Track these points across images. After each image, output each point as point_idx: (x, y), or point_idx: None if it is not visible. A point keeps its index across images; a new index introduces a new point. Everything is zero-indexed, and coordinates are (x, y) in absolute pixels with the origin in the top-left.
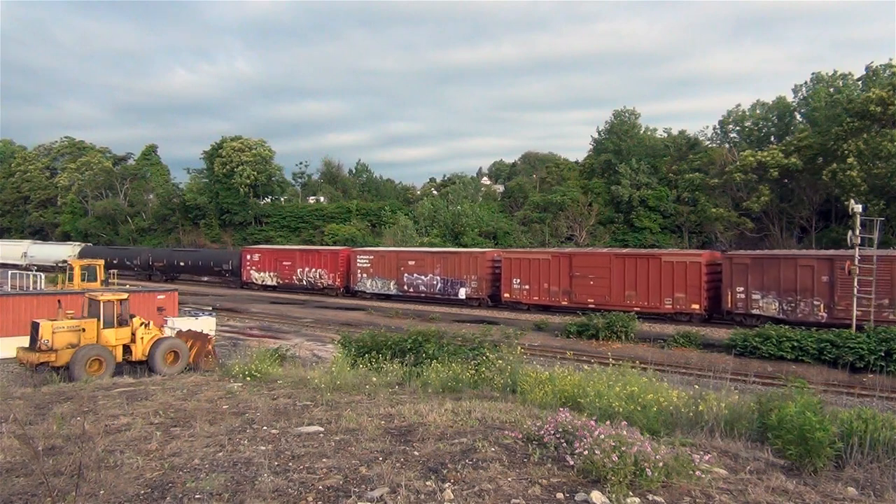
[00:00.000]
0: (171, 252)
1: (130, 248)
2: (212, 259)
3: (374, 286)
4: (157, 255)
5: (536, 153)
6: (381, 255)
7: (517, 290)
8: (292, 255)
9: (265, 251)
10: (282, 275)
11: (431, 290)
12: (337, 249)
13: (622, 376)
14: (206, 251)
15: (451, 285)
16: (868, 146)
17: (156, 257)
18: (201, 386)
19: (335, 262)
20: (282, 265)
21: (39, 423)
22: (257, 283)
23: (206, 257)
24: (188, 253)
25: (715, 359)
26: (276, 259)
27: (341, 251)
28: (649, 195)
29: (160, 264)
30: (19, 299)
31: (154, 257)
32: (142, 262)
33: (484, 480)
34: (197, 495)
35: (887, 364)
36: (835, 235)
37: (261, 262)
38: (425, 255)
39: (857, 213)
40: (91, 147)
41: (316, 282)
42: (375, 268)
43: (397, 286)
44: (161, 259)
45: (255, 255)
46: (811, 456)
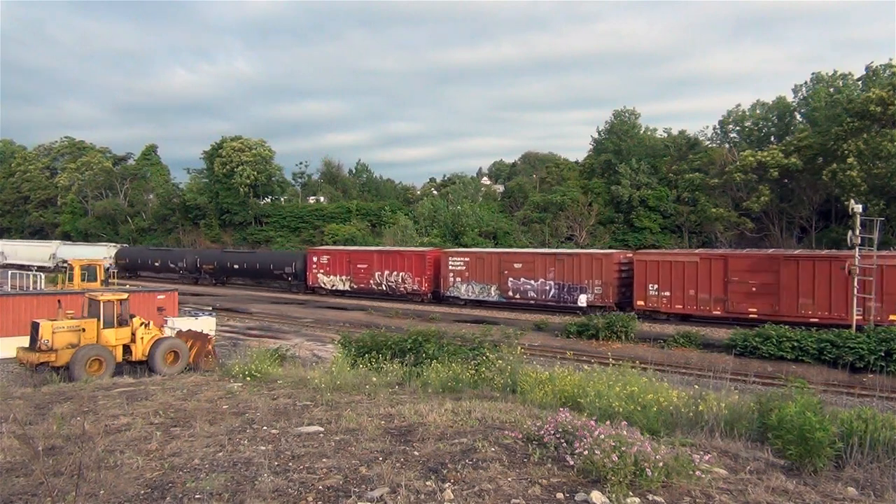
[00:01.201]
0: (223, 254)
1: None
2: (271, 261)
3: (471, 292)
4: (206, 257)
5: (536, 153)
6: (478, 257)
7: (654, 297)
8: (369, 257)
9: (336, 252)
10: (356, 279)
11: (543, 296)
12: (424, 250)
13: (622, 376)
14: (263, 253)
15: (569, 291)
16: (868, 146)
17: (205, 259)
18: (201, 386)
19: (421, 265)
20: (356, 268)
21: (39, 423)
22: (325, 288)
23: (264, 260)
24: (243, 255)
25: (715, 359)
26: (350, 261)
27: (429, 252)
28: (649, 195)
29: (209, 267)
30: (19, 299)
31: (203, 259)
32: (188, 264)
33: (484, 480)
34: (197, 495)
35: (887, 364)
36: (835, 235)
37: (330, 264)
38: (536, 256)
39: (857, 213)
40: (91, 147)
41: (398, 287)
42: (472, 271)
43: (499, 292)
44: (211, 261)
45: (323, 256)
46: (811, 456)
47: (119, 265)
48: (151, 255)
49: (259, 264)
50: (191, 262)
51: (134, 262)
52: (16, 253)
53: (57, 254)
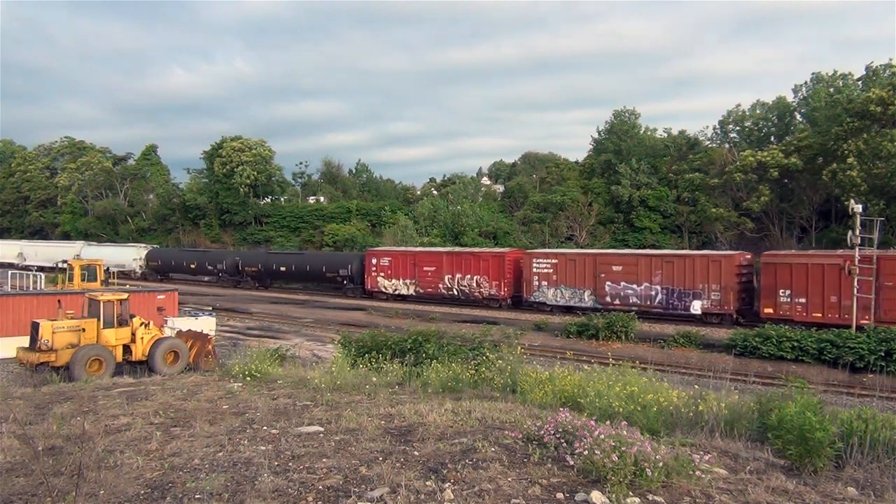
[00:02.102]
0: (268, 255)
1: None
2: (324, 263)
3: (559, 297)
4: (248, 259)
5: (536, 153)
6: (569, 259)
7: (786, 303)
8: (437, 259)
9: (399, 254)
10: (422, 282)
11: (647, 302)
12: (503, 251)
13: (622, 376)
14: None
15: (680, 297)
16: (868, 146)
17: (247, 261)
18: (201, 386)
19: (500, 267)
20: (422, 271)
21: (39, 423)
22: (386, 292)
23: (315, 261)
24: (291, 256)
25: (715, 359)
26: (415, 263)
27: (508, 253)
28: (649, 195)
29: (253, 269)
30: (19, 299)
31: (245, 261)
32: (228, 266)
33: (484, 480)
34: (197, 495)
35: (887, 364)
36: (835, 235)
37: (392, 266)
38: (640, 258)
39: (857, 213)
40: (91, 147)
41: (472, 291)
42: (561, 274)
43: (595, 297)
44: (254, 263)
45: (383, 258)
46: (811, 456)
47: (150, 267)
48: (187, 256)
49: (310, 266)
50: (231, 264)
51: (167, 264)
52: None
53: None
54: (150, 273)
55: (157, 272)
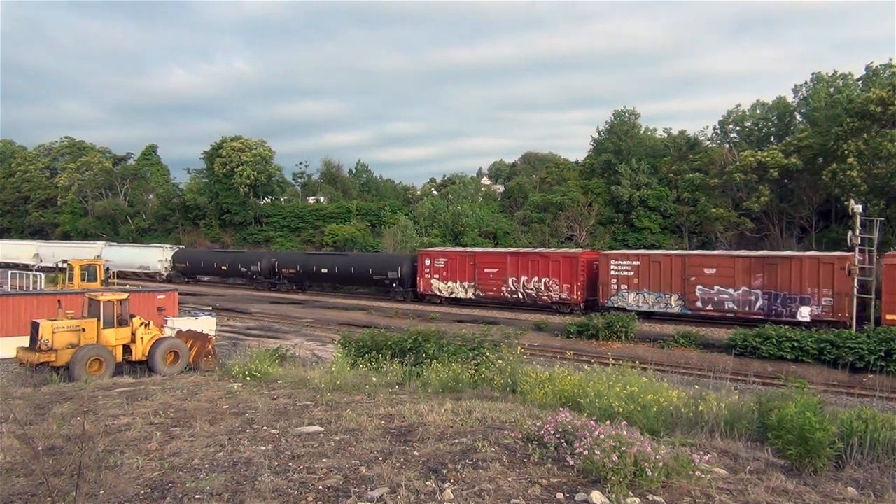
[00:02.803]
0: (308, 256)
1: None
2: (369, 265)
3: (642, 301)
4: (286, 260)
5: (536, 153)
6: (653, 261)
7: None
8: (500, 260)
9: (456, 255)
10: (482, 285)
11: (746, 308)
12: (577, 252)
13: (622, 376)
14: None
15: (784, 303)
16: (868, 146)
17: (285, 263)
18: (201, 386)
19: (573, 269)
20: (482, 273)
21: (39, 423)
22: (441, 296)
23: (361, 263)
24: (333, 258)
25: (715, 359)
26: (475, 265)
27: (583, 254)
28: (649, 195)
29: (290, 272)
30: (19, 299)
31: (282, 263)
32: (263, 268)
33: (484, 480)
34: (197, 495)
35: (887, 364)
36: (835, 235)
37: (448, 268)
38: (736, 260)
39: (857, 213)
40: (91, 147)
41: (540, 295)
42: (643, 277)
43: (683, 302)
44: (292, 265)
45: (438, 259)
46: (811, 456)
47: (177, 269)
48: (218, 257)
49: (354, 268)
50: (267, 266)
51: (195, 266)
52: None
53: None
54: (176, 275)
55: (185, 274)
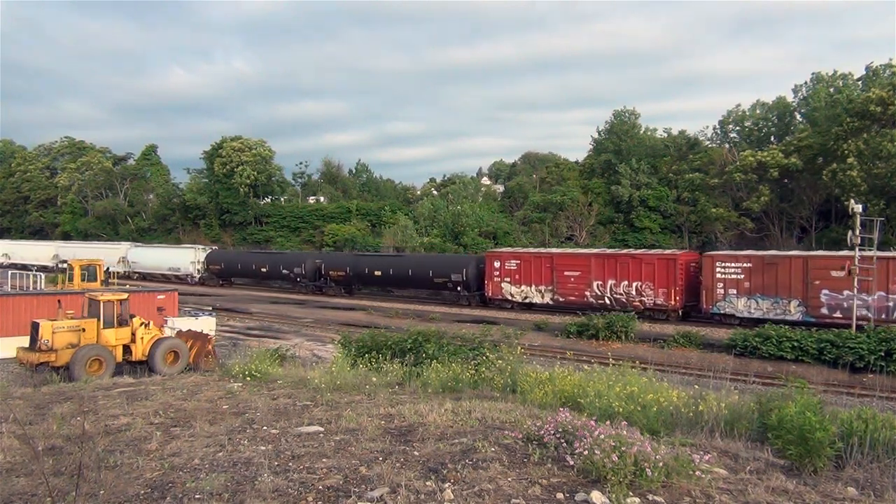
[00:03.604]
0: (357, 258)
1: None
2: (429, 267)
3: (754, 307)
4: (334, 262)
5: (536, 153)
6: (767, 262)
7: None
8: (583, 262)
9: (531, 256)
10: (561, 289)
11: (884, 315)
12: (675, 254)
13: (622, 376)
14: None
15: None
16: (868, 146)
17: (332, 265)
18: (201, 386)
19: (670, 272)
20: (562, 276)
21: (39, 423)
22: (513, 300)
23: (419, 264)
24: (387, 259)
25: (715, 359)
26: (553, 267)
27: (680, 256)
28: (649, 195)
29: (339, 274)
30: (19, 299)
31: (329, 264)
32: (308, 270)
33: (484, 480)
34: (197, 495)
35: (887, 364)
36: (835, 235)
37: (521, 270)
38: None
39: (857, 213)
40: (91, 147)
41: (631, 300)
42: (756, 280)
43: (806, 309)
44: (341, 267)
45: (509, 261)
46: (811, 456)
47: (210, 271)
48: (256, 259)
49: (412, 270)
50: (311, 268)
51: (231, 268)
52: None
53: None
54: (209, 277)
55: (219, 276)
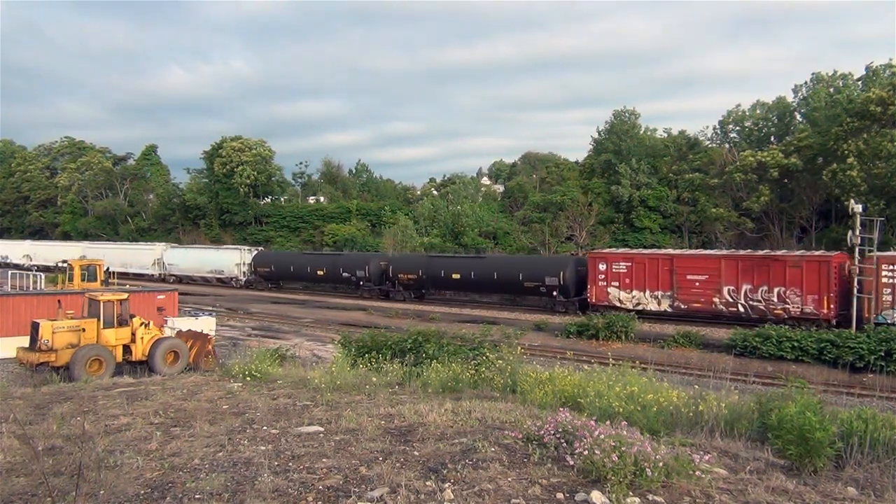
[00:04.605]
0: (430, 259)
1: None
2: (520, 269)
3: None
4: (403, 264)
5: (536, 153)
6: None
7: None
8: (711, 264)
9: (643, 258)
10: (683, 295)
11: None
12: (827, 256)
13: (622, 376)
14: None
15: None
16: (868, 146)
17: (401, 267)
18: (201, 386)
19: (821, 277)
20: (684, 280)
21: (39, 423)
22: (622, 307)
23: (507, 267)
24: (467, 261)
25: (715, 359)
26: (671, 270)
27: (833, 258)
28: (649, 195)
29: (409, 277)
30: (19, 299)
31: (398, 267)
32: (373, 273)
33: (484, 480)
34: (197, 495)
35: (887, 364)
36: (835, 235)
37: (632, 273)
38: None
39: (857, 213)
40: (91, 147)
41: (772, 307)
42: None
43: None
44: (411, 269)
45: (617, 263)
46: (811, 456)
47: (259, 274)
48: (312, 261)
49: (497, 273)
50: (376, 271)
51: (282, 270)
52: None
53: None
54: (257, 281)
55: (268, 280)
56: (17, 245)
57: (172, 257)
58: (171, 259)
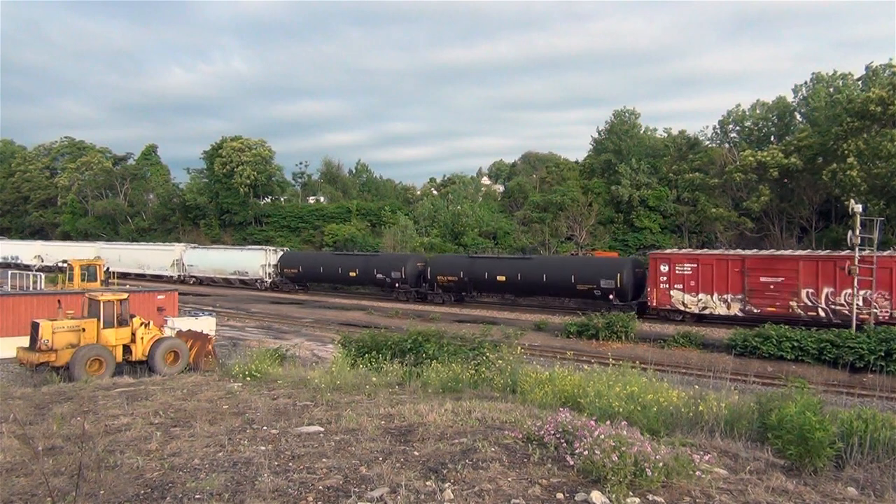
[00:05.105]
0: (472, 260)
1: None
2: (572, 271)
3: None
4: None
5: (536, 153)
6: None
7: None
8: (787, 266)
9: (711, 259)
10: (756, 299)
11: None
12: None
13: (622, 376)
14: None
15: None
16: (868, 146)
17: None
18: (201, 386)
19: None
20: (756, 282)
21: (39, 423)
22: (685, 311)
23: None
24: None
25: (715, 359)
26: (741, 271)
27: None
28: (649, 195)
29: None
30: (19, 299)
31: (437, 268)
32: (408, 275)
33: (484, 480)
34: (197, 495)
35: (887, 364)
36: (835, 235)
37: (698, 275)
38: None
39: (857, 213)
40: (91, 147)
41: (858, 312)
42: None
43: None
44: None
45: (682, 264)
46: (811, 456)
47: (285, 275)
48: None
49: (547, 275)
50: (413, 272)
51: (311, 271)
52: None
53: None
54: (284, 282)
55: (295, 281)
56: (27, 246)
57: (192, 258)
58: (191, 260)
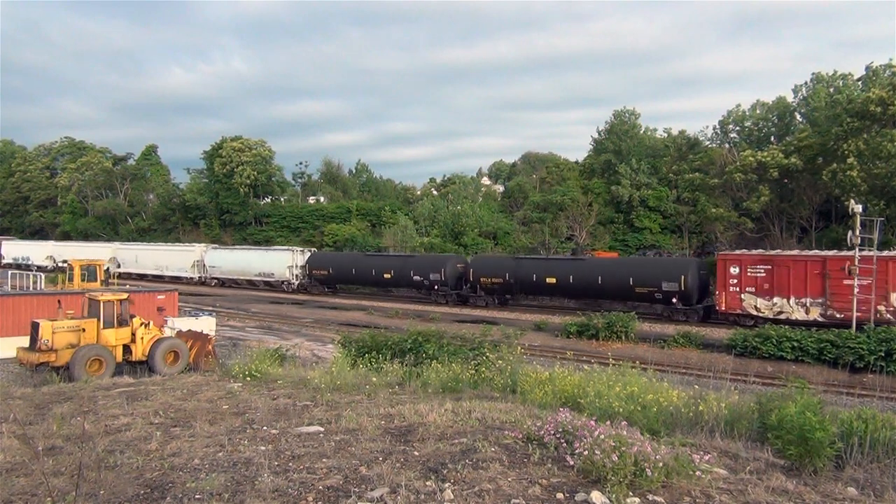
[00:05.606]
0: (517, 261)
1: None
2: (630, 273)
3: None
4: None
5: (536, 153)
6: None
7: None
8: (884, 265)
9: (786, 260)
10: (839, 302)
11: None
12: None
13: (622, 376)
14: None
15: None
16: (868, 146)
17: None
18: (201, 386)
19: None
20: (838, 285)
21: (39, 423)
22: (759, 315)
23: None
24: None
25: (715, 359)
26: (822, 273)
27: None
28: (649, 195)
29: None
30: (19, 299)
31: (479, 270)
32: (448, 277)
33: (484, 480)
34: (197, 495)
35: (887, 364)
36: (835, 235)
37: (772, 277)
38: None
39: (857, 213)
40: (91, 147)
41: None
42: None
43: None
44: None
45: (754, 266)
46: (811, 456)
47: (314, 277)
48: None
49: (602, 277)
50: (453, 274)
51: (342, 273)
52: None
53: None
54: (311, 284)
55: (324, 283)
56: (40, 246)
57: (214, 259)
58: (212, 261)
